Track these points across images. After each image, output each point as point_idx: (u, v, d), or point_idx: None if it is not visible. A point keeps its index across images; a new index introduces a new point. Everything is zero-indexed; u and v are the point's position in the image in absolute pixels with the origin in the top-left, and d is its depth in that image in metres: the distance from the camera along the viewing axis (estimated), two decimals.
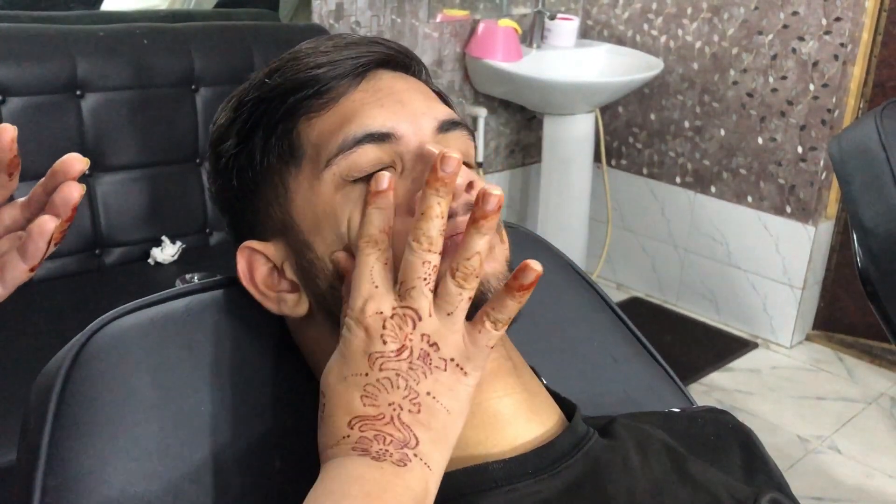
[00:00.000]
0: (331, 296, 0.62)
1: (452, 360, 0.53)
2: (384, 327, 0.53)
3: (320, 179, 0.62)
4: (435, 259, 0.54)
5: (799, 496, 0.71)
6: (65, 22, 1.92)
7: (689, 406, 0.85)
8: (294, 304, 0.64)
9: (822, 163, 2.53)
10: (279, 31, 2.16)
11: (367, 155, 0.61)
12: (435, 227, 0.54)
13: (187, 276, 1.77)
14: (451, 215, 0.58)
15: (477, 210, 0.53)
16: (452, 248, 0.57)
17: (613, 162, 3.00)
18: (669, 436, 0.68)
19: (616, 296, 2.95)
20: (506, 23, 2.57)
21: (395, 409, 0.52)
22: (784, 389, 2.49)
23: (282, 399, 0.68)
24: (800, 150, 2.57)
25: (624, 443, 0.65)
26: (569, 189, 2.65)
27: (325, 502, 0.50)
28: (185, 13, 2.27)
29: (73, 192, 0.54)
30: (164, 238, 1.92)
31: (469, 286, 0.53)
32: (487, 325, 0.54)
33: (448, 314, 0.53)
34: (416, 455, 0.52)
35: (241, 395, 0.66)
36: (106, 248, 1.87)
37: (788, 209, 2.62)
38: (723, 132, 2.71)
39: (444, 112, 0.65)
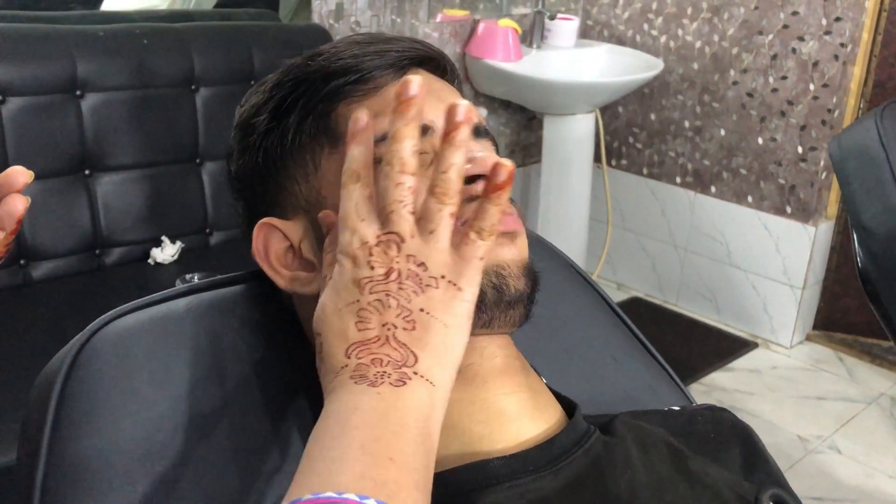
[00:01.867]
0: None
1: (443, 276, 0.53)
2: (370, 254, 0.53)
3: None
4: (409, 181, 0.53)
5: (799, 496, 0.71)
6: (65, 22, 1.92)
7: (688, 405, 0.85)
8: (307, 282, 0.65)
9: (822, 163, 2.53)
10: (279, 31, 2.16)
11: None
12: (406, 147, 0.53)
13: (187, 276, 1.77)
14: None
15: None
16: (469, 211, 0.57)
17: (613, 162, 3.00)
18: (669, 434, 0.68)
19: (616, 296, 2.95)
20: (506, 23, 2.57)
21: (388, 329, 0.52)
22: (784, 389, 2.49)
23: (282, 398, 0.68)
24: (800, 150, 2.57)
25: (625, 440, 0.65)
26: (569, 189, 2.64)
27: (326, 441, 0.49)
28: (185, 13, 2.27)
29: (18, 204, 0.55)
30: (164, 238, 1.92)
31: (449, 202, 0.53)
32: (472, 235, 0.53)
33: (430, 232, 0.53)
34: (415, 373, 0.51)
35: (241, 395, 0.66)
36: (106, 248, 1.87)
37: (788, 209, 2.62)
38: (723, 132, 2.71)
39: (476, 117, 0.66)
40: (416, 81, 0.53)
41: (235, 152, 0.70)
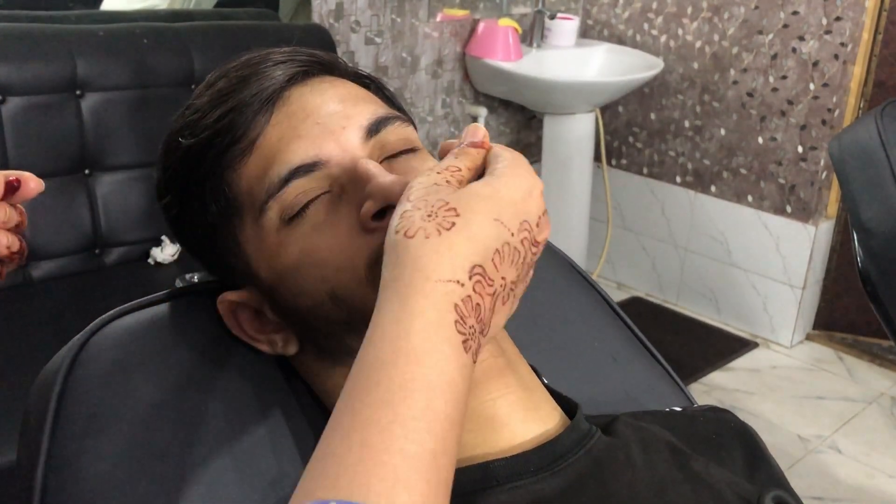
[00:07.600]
0: (312, 332, 0.62)
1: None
2: (538, 225, 0.51)
3: (262, 227, 0.61)
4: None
5: (799, 496, 0.71)
6: (65, 22, 1.91)
7: (689, 405, 0.85)
8: (284, 344, 0.65)
9: (822, 162, 2.53)
10: (279, 31, 2.16)
11: (299, 189, 0.59)
12: None
13: (187, 276, 1.77)
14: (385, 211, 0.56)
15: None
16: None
17: (613, 162, 3.00)
18: (671, 434, 0.68)
19: (616, 295, 2.95)
20: (506, 22, 2.57)
21: (503, 287, 0.48)
22: (784, 389, 2.49)
23: (282, 399, 0.68)
24: (800, 149, 2.56)
25: (626, 441, 0.64)
26: (569, 189, 2.64)
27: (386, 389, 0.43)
28: (185, 13, 2.26)
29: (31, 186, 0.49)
30: (164, 238, 1.91)
31: None
32: None
33: None
34: (474, 351, 0.46)
35: (241, 395, 0.66)
36: (106, 248, 1.87)
37: (789, 209, 2.62)
38: (723, 132, 2.71)
39: (367, 114, 0.62)
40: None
41: (168, 227, 0.68)
